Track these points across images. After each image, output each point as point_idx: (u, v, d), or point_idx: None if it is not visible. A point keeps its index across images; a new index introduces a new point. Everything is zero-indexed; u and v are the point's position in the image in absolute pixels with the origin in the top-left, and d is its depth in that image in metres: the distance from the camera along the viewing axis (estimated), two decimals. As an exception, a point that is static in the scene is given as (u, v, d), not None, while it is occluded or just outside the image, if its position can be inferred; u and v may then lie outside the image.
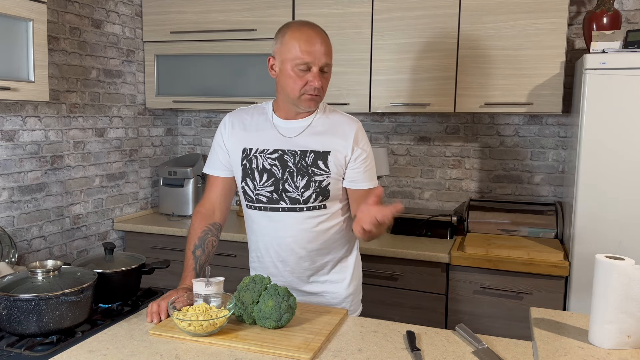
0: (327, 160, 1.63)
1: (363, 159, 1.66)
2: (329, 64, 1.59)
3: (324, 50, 1.57)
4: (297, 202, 1.63)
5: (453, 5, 2.54)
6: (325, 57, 1.57)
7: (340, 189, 1.67)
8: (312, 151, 1.63)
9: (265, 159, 1.65)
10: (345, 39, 2.73)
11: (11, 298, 1.34)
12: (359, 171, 1.66)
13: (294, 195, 1.63)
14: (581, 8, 2.70)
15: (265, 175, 1.64)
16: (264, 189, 1.65)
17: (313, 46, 1.55)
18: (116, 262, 1.66)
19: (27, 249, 2.47)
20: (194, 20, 2.99)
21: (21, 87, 1.98)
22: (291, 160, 1.63)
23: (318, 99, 1.60)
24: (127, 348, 1.33)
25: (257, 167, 1.66)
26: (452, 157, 2.99)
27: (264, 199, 1.65)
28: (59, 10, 2.58)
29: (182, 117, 3.55)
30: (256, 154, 1.66)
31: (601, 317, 1.28)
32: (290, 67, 1.57)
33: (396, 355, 1.31)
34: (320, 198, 1.63)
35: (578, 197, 2.19)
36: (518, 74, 2.48)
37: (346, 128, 1.66)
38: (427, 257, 2.43)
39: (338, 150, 1.63)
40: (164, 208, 3.20)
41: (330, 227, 1.68)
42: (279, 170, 1.63)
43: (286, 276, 1.71)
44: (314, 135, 1.65)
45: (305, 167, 1.62)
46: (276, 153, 1.65)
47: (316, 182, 1.62)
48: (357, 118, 1.72)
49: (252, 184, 1.66)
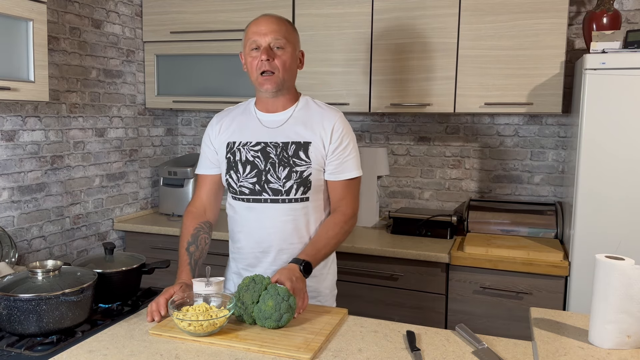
0: (307, 150, 1.67)
1: (342, 149, 1.69)
2: (278, 39, 1.64)
3: (272, 29, 1.64)
4: (279, 194, 1.67)
5: (453, 5, 2.54)
6: (272, 34, 1.63)
7: (322, 181, 1.70)
8: (294, 142, 1.68)
9: (248, 151, 1.70)
10: (345, 39, 2.74)
11: (11, 298, 1.34)
12: (338, 162, 1.69)
13: (275, 186, 1.67)
14: (581, 8, 2.70)
15: (249, 167, 1.69)
16: (247, 181, 1.69)
17: (259, 26, 1.65)
18: (116, 262, 1.67)
19: (27, 249, 2.47)
20: (194, 20, 2.99)
21: (21, 87, 1.98)
22: (273, 152, 1.68)
23: (274, 78, 1.65)
24: (127, 348, 1.33)
25: (240, 159, 1.71)
26: (452, 157, 2.99)
27: (246, 190, 1.70)
28: (59, 10, 2.58)
29: (182, 117, 3.55)
30: (239, 146, 1.72)
31: (601, 317, 1.28)
32: (247, 51, 1.67)
33: (396, 355, 1.31)
34: (302, 189, 1.66)
35: (578, 197, 2.19)
36: (518, 74, 2.48)
37: (326, 119, 1.70)
38: (427, 257, 2.43)
39: (318, 141, 1.67)
40: (164, 208, 3.20)
41: (312, 220, 1.72)
42: (261, 161, 1.68)
43: (265, 267, 1.73)
44: (295, 126, 1.70)
45: (286, 158, 1.67)
46: (259, 145, 1.70)
47: (297, 173, 1.66)
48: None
49: (235, 176, 1.71)
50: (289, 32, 1.68)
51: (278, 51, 1.64)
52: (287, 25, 1.69)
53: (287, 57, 1.66)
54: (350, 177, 1.70)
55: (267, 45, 1.63)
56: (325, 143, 1.68)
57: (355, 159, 1.72)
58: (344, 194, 1.71)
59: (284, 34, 1.65)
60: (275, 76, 1.65)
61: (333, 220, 1.70)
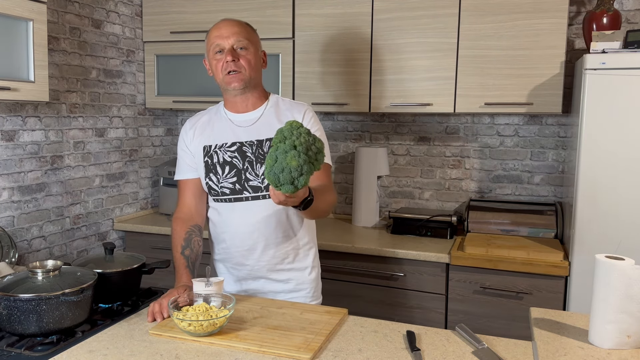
0: None
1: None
2: (240, 40, 1.69)
3: (233, 31, 1.69)
4: (259, 190, 1.70)
5: (453, 5, 2.54)
6: (234, 36, 1.69)
7: None
8: (268, 139, 1.72)
9: (225, 152, 1.74)
10: (345, 39, 2.74)
11: (11, 298, 1.34)
12: None
13: (255, 183, 1.70)
14: (581, 8, 2.70)
15: (227, 167, 1.73)
16: (226, 181, 1.72)
17: (220, 30, 1.70)
18: (116, 262, 1.67)
19: (27, 249, 2.47)
20: (194, 20, 2.99)
21: (21, 87, 1.98)
22: (249, 150, 1.71)
23: (240, 75, 1.69)
24: (127, 348, 1.33)
25: (218, 161, 1.74)
26: (452, 157, 2.99)
27: (227, 190, 1.73)
28: (59, 10, 2.58)
29: (182, 117, 3.55)
30: (216, 149, 1.75)
31: (601, 317, 1.28)
32: (211, 55, 1.72)
33: (396, 355, 1.31)
34: None
35: (578, 197, 2.19)
36: (518, 74, 2.48)
37: (295, 110, 1.76)
38: (427, 257, 2.43)
39: None
40: (164, 208, 3.20)
41: (293, 214, 1.75)
42: (239, 161, 1.72)
43: (253, 264, 1.76)
44: (267, 124, 1.73)
45: (262, 155, 1.70)
46: (235, 145, 1.73)
47: None
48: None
49: (215, 178, 1.74)
50: (250, 33, 1.74)
51: (242, 52, 1.70)
52: (248, 27, 1.75)
53: (251, 56, 1.71)
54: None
55: (231, 47, 1.68)
56: None
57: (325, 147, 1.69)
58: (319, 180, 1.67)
59: (246, 36, 1.71)
60: (241, 74, 1.69)
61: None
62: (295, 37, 2.81)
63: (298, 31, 2.81)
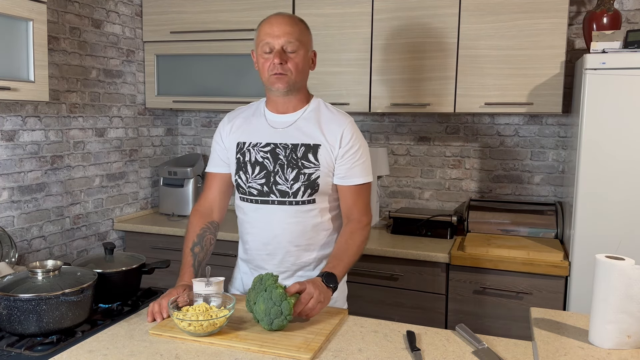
0: (317, 153, 1.65)
1: (352, 153, 1.66)
2: (291, 42, 1.60)
3: (285, 31, 1.60)
4: (286, 195, 1.65)
5: (453, 5, 2.54)
6: (285, 37, 1.60)
7: (330, 185, 1.68)
8: (303, 144, 1.66)
9: (257, 152, 1.69)
10: (345, 39, 2.73)
11: (11, 298, 1.34)
12: (347, 167, 1.66)
13: (283, 187, 1.65)
14: (581, 8, 2.70)
15: (258, 167, 1.68)
16: (255, 182, 1.68)
17: (272, 27, 1.61)
18: (116, 262, 1.66)
19: (27, 249, 2.47)
20: (194, 20, 2.99)
21: (21, 87, 1.98)
22: (282, 153, 1.67)
23: (285, 78, 1.62)
24: (127, 348, 1.33)
25: (249, 160, 1.70)
26: (452, 157, 2.99)
27: (255, 191, 1.69)
28: (59, 10, 2.58)
29: (182, 117, 3.55)
30: (249, 147, 1.71)
31: (601, 317, 1.28)
32: (259, 52, 1.65)
33: (396, 355, 1.31)
34: (309, 191, 1.65)
35: (578, 197, 2.19)
36: (518, 74, 2.48)
37: (336, 123, 1.68)
38: (427, 257, 2.43)
39: (327, 145, 1.65)
40: (164, 208, 3.20)
41: (319, 224, 1.70)
42: (270, 163, 1.67)
43: (272, 269, 1.72)
44: (305, 128, 1.68)
45: (295, 160, 1.65)
46: (268, 146, 1.68)
47: (305, 175, 1.64)
48: (355, 117, 1.73)
49: (244, 177, 1.70)
50: (302, 33, 1.64)
51: (291, 54, 1.61)
52: (301, 25, 1.65)
53: (299, 60, 1.63)
54: (358, 182, 1.67)
55: (280, 48, 1.60)
56: (334, 147, 1.65)
57: (364, 165, 1.69)
58: (355, 200, 1.68)
59: (297, 36, 1.61)
60: (287, 77, 1.62)
61: (350, 230, 1.67)
62: (295, 37, 2.81)
63: (298, 31, 2.80)
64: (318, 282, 1.50)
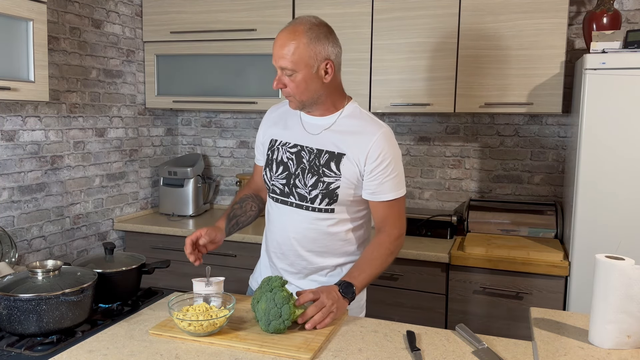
0: (339, 163, 1.59)
1: (382, 169, 1.58)
2: (286, 67, 1.53)
3: (280, 54, 1.53)
4: (304, 200, 1.63)
5: (453, 5, 2.54)
6: (280, 60, 1.53)
7: (351, 196, 1.62)
8: (327, 151, 1.61)
9: (285, 151, 1.68)
10: (345, 39, 2.71)
11: (11, 298, 1.34)
12: (377, 183, 1.59)
13: (302, 192, 1.63)
14: (581, 8, 2.70)
15: (281, 167, 1.67)
16: (278, 180, 1.68)
17: (274, 48, 1.56)
18: (116, 262, 1.66)
19: (27, 249, 2.47)
20: (194, 20, 2.99)
21: (21, 87, 1.98)
22: (307, 157, 1.63)
23: (292, 99, 1.61)
24: (127, 348, 1.33)
25: (276, 158, 1.69)
26: (452, 157, 2.99)
27: (277, 190, 1.69)
28: (59, 10, 2.58)
29: (182, 117, 3.55)
30: (279, 145, 1.70)
31: (601, 317, 1.28)
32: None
33: (396, 355, 1.31)
34: (327, 200, 1.60)
35: (578, 197, 2.19)
36: (518, 74, 2.48)
37: (366, 135, 1.59)
38: (427, 257, 2.43)
39: (353, 156, 1.59)
40: (164, 208, 3.20)
41: (336, 234, 1.65)
42: (293, 164, 1.65)
43: (284, 268, 1.72)
44: (334, 135, 1.62)
45: (317, 166, 1.61)
46: (295, 148, 1.66)
47: (324, 183, 1.60)
48: (389, 127, 1.64)
49: (269, 174, 1.71)
50: (297, 52, 1.52)
51: (289, 78, 1.55)
52: (297, 43, 1.52)
53: (299, 81, 1.54)
54: (389, 198, 1.60)
55: (279, 68, 1.55)
56: (360, 161, 1.58)
57: (395, 179, 1.60)
58: (386, 214, 1.63)
59: (290, 58, 1.52)
60: (292, 98, 1.60)
61: (377, 241, 1.63)
62: (295, 37, 2.81)
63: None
64: (334, 291, 1.49)
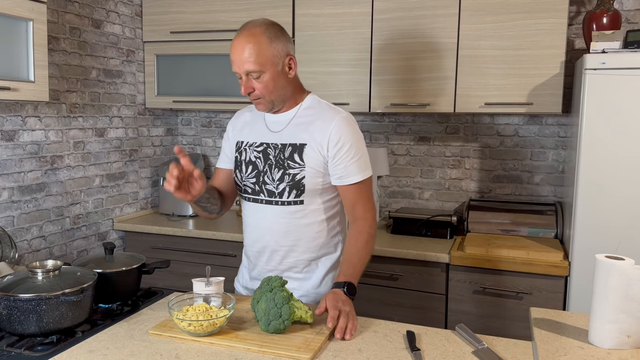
0: (302, 153, 1.64)
1: (345, 152, 1.62)
2: (252, 70, 1.55)
3: (242, 59, 1.55)
4: (273, 195, 1.67)
5: (453, 5, 2.54)
6: (244, 65, 1.55)
7: (319, 184, 1.65)
8: (290, 144, 1.66)
9: (252, 151, 1.72)
10: (345, 39, 2.73)
11: (11, 298, 1.34)
12: (342, 166, 1.63)
13: (271, 187, 1.67)
14: (581, 8, 2.70)
15: (250, 167, 1.71)
16: (248, 180, 1.72)
17: (233, 53, 1.58)
18: (116, 262, 1.67)
19: (27, 249, 2.47)
20: (194, 20, 2.99)
21: (21, 87, 1.98)
22: (272, 153, 1.68)
23: (262, 101, 1.63)
24: (127, 348, 1.33)
25: (245, 159, 1.73)
26: (452, 157, 2.99)
27: (249, 189, 1.72)
28: (59, 10, 2.58)
29: (182, 117, 3.55)
30: (246, 146, 1.74)
31: (601, 317, 1.28)
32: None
33: (396, 355, 1.31)
34: (295, 192, 1.65)
35: (578, 197, 2.19)
36: (518, 74, 2.48)
37: (324, 121, 1.64)
38: (427, 257, 2.43)
39: (315, 144, 1.63)
40: (164, 208, 3.20)
41: (308, 225, 1.68)
42: (261, 162, 1.69)
43: (262, 266, 1.76)
44: (296, 127, 1.67)
45: (282, 160, 1.66)
46: (261, 146, 1.71)
47: (290, 175, 1.65)
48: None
49: (240, 175, 1.74)
50: (262, 53, 1.55)
51: (255, 81, 1.58)
52: (260, 42, 1.55)
53: (267, 80, 1.58)
54: (356, 180, 1.64)
55: (244, 73, 1.57)
56: (322, 147, 1.63)
57: (360, 161, 1.64)
58: (356, 198, 1.66)
59: (255, 60, 1.54)
60: (262, 100, 1.62)
61: (356, 230, 1.66)
62: (295, 37, 2.81)
63: (298, 31, 2.81)
64: (340, 294, 1.49)
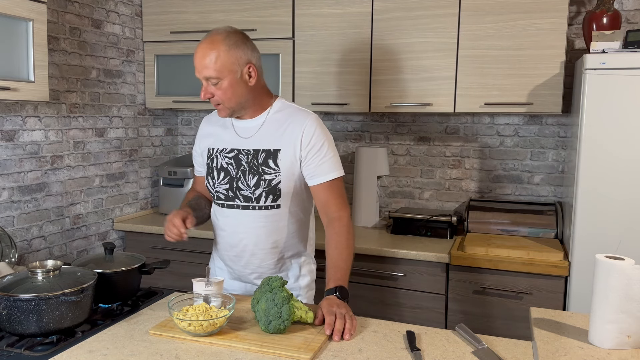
0: (277, 158, 1.67)
1: (316, 151, 1.66)
2: (210, 76, 1.59)
3: (202, 64, 1.59)
4: (249, 200, 1.69)
5: (453, 5, 2.54)
6: (204, 71, 1.59)
7: (296, 188, 1.69)
8: (264, 150, 1.68)
9: (223, 157, 1.73)
10: (345, 39, 2.73)
11: (11, 298, 1.34)
12: (314, 165, 1.67)
13: (246, 193, 1.69)
14: (581, 8, 2.70)
15: (222, 173, 1.72)
16: (221, 187, 1.73)
17: (195, 60, 1.62)
18: (116, 262, 1.67)
19: (27, 249, 2.47)
20: (194, 20, 2.99)
21: (21, 87, 1.98)
22: (245, 159, 1.70)
23: (221, 107, 1.65)
24: (127, 348, 1.33)
25: (216, 165, 1.74)
26: (452, 157, 2.99)
27: (222, 195, 1.74)
28: (59, 10, 2.58)
29: (182, 117, 3.55)
30: (217, 153, 1.75)
31: (601, 317, 1.28)
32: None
33: (396, 355, 1.31)
34: (272, 197, 1.67)
35: (578, 197, 2.19)
36: (518, 74, 2.48)
37: (295, 124, 1.68)
38: (427, 257, 2.43)
39: (288, 148, 1.66)
40: (164, 208, 3.20)
41: (284, 227, 1.72)
42: (233, 168, 1.71)
43: (240, 270, 1.78)
44: (267, 133, 1.69)
45: (256, 166, 1.68)
46: (232, 152, 1.72)
47: (266, 181, 1.67)
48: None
49: (212, 182, 1.76)
50: (219, 60, 1.58)
51: (214, 87, 1.61)
52: (218, 52, 1.58)
53: (225, 88, 1.60)
54: (329, 178, 1.68)
55: (204, 79, 1.61)
56: (296, 148, 1.66)
57: (332, 160, 1.68)
58: (327, 197, 1.69)
59: (214, 68, 1.58)
60: (222, 106, 1.65)
61: (334, 232, 1.68)
62: (295, 37, 2.81)
63: (298, 31, 2.81)
64: (333, 299, 1.52)
